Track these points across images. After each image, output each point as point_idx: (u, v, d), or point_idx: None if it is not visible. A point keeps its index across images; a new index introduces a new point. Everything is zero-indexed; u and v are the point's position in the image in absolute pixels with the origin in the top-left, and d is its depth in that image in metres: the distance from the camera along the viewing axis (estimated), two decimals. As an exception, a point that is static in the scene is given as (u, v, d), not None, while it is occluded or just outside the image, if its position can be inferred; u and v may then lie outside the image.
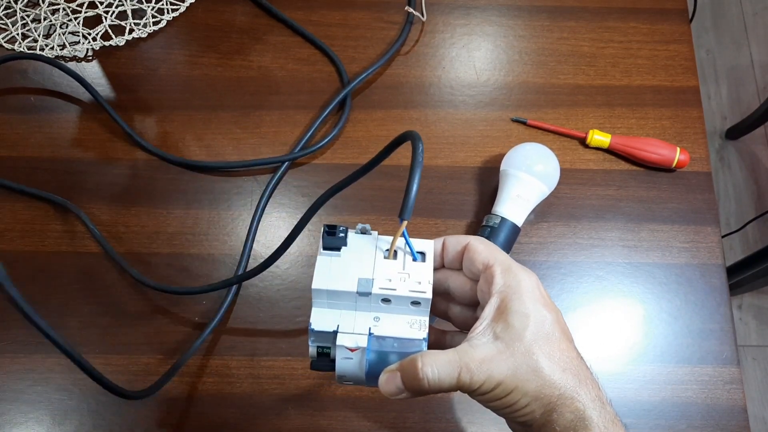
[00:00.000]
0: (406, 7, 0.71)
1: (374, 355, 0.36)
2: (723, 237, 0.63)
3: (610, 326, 0.58)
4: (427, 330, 0.37)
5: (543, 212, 0.62)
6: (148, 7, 0.71)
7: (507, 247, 0.57)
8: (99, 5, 0.71)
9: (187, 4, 0.72)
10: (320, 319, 0.37)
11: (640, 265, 0.60)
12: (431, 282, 0.37)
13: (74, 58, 0.70)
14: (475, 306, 0.40)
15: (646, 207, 0.63)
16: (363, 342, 0.36)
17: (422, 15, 0.71)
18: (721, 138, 1.58)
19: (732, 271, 1.24)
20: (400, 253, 0.38)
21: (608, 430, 0.34)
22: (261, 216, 0.62)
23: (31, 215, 0.62)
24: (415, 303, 0.37)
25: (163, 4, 0.72)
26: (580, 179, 0.64)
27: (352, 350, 0.36)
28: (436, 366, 0.34)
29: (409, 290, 0.36)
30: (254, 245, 0.60)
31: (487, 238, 0.56)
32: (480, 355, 0.34)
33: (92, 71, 0.69)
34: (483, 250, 0.37)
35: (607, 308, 0.59)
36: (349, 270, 0.37)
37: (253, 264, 0.60)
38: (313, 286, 0.36)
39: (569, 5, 0.72)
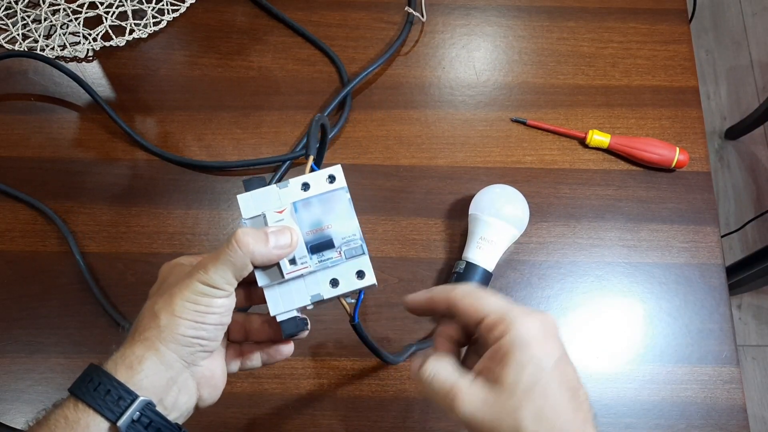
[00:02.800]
0: (406, 8, 0.71)
1: (306, 216, 0.39)
2: (722, 237, 0.64)
3: (610, 326, 0.58)
4: (344, 182, 0.40)
5: (543, 212, 0.62)
6: (149, 7, 0.71)
7: None
8: (99, 6, 0.71)
9: (187, 4, 0.72)
10: (248, 209, 0.40)
11: (640, 265, 0.60)
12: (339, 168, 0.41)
13: (75, 59, 0.70)
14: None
15: (645, 207, 0.63)
16: (289, 206, 0.39)
17: (422, 15, 0.71)
18: (720, 138, 1.58)
19: (731, 271, 1.24)
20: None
21: None
22: (261, 216, 0.62)
23: (32, 215, 0.62)
24: (331, 178, 0.40)
25: (163, 5, 0.72)
26: (579, 179, 0.64)
27: (279, 212, 0.39)
28: (437, 370, 0.36)
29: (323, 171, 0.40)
30: (254, 245, 0.61)
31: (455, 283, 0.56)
32: (471, 392, 0.34)
33: (93, 71, 0.69)
34: (469, 306, 0.36)
35: (607, 308, 0.59)
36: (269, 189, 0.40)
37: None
38: (239, 195, 0.40)
39: (569, 5, 0.72)
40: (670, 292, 0.59)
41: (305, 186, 0.40)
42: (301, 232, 0.39)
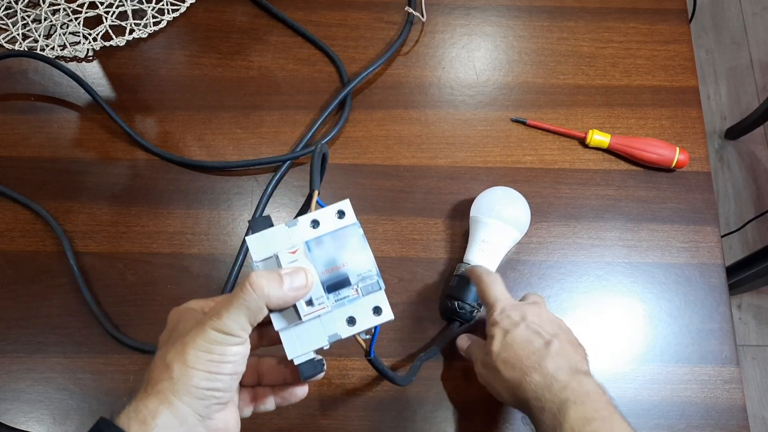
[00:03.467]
0: (406, 8, 0.71)
1: (320, 254, 0.38)
2: (722, 237, 0.63)
3: (610, 326, 0.58)
4: (355, 217, 0.39)
5: (543, 212, 0.62)
6: (149, 7, 0.71)
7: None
8: (99, 5, 0.71)
9: (187, 4, 0.72)
10: (259, 250, 0.39)
11: (640, 264, 0.60)
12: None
13: (75, 59, 0.70)
14: None
15: (645, 207, 0.63)
16: (302, 246, 0.38)
17: (422, 15, 0.71)
18: (720, 138, 1.58)
19: (731, 270, 1.24)
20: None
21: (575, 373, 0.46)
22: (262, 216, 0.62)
23: (31, 215, 0.62)
24: (340, 213, 0.39)
25: (163, 5, 0.72)
26: (579, 179, 0.64)
27: (293, 252, 0.38)
28: (468, 342, 0.54)
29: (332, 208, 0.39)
30: (254, 245, 0.61)
31: (456, 286, 0.57)
32: (484, 349, 0.50)
33: (92, 71, 0.69)
34: (481, 289, 0.53)
35: (607, 308, 0.59)
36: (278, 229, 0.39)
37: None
38: (247, 237, 0.39)
39: (569, 5, 0.72)
40: (670, 292, 0.59)
41: (315, 223, 0.39)
42: (316, 271, 0.38)
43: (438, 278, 0.60)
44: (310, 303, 0.37)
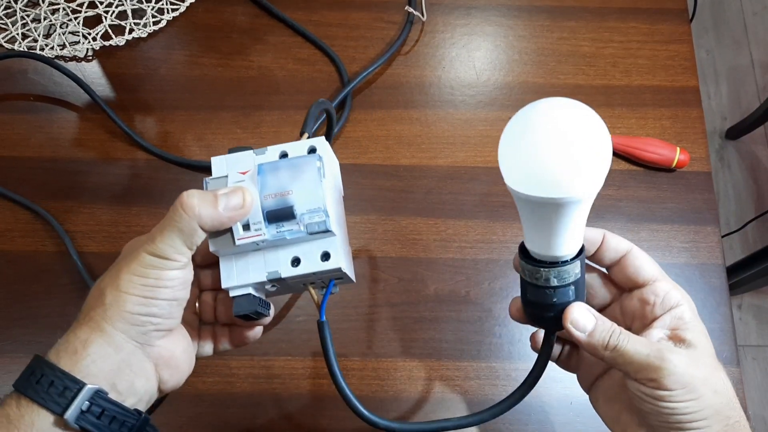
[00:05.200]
0: (406, 7, 0.71)
1: (271, 181, 0.36)
2: (723, 237, 0.63)
3: (610, 326, 0.58)
4: (327, 155, 0.37)
5: (543, 212, 0.62)
6: (148, 6, 0.71)
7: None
8: (99, 5, 0.71)
9: (187, 4, 0.72)
10: (218, 169, 0.38)
11: (640, 265, 0.60)
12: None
13: (74, 58, 0.70)
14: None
15: (645, 207, 0.63)
16: (253, 168, 0.36)
17: (422, 15, 0.71)
18: (721, 138, 1.58)
19: (732, 271, 1.24)
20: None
21: None
22: (261, 216, 0.62)
23: (31, 215, 0.62)
24: (311, 149, 0.37)
25: (163, 4, 0.72)
26: (580, 179, 0.64)
27: (243, 173, 0.36)
28: (633, 342, 0.34)
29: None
30: (254, 245, 0.60)
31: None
32: (677, 353, 0.33)
33: (92, 71, 0.69)
34: (649, 261, 0.38)
35: (607, 308, 0.59)
36: (246, 154, 0.38)
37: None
38: (213, 157, 0.38)
39: (569, 5, 0.72)
40: (671, 292, 0.59)
41: (283, 155, 0.37)
42: (259, 196, 0.35)
43: (439, 278, 0.60)
44: (246, 228, 0.35)
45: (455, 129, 0.66)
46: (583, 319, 0.35)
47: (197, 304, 0.41)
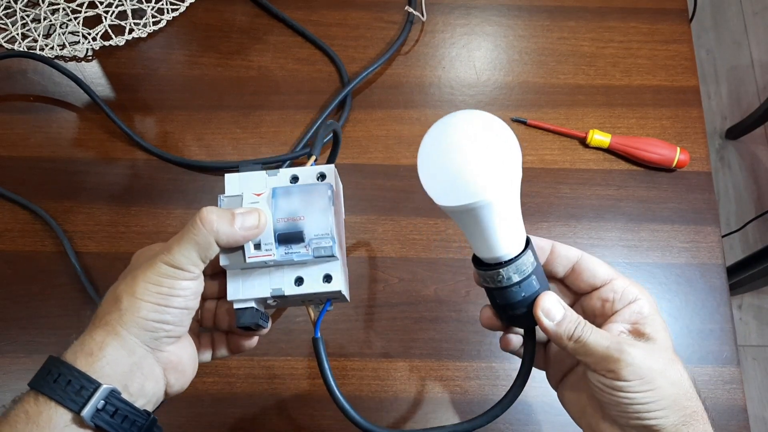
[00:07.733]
0: (406, 7, 0.71)
1: (283, 204, 0.38)
2: (723, 237, 0.63)
3: (610, 326, 0.58)
4: (334, 182, 0.39)
5: (543, 212, 0.62)
6: (148, 6, 0.71)
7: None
8: (99, 5, 0.71)
9: (187, 3, 0.72)
10: (232, 187, 0.39)
11: (640, 265, 0.60)
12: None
13: (74, 58, 0.70)
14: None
15: (646, 207, 0.63)
16: (267, 191, 0.38)
17: (422, 15, 0.71)
18: (721, 138, 1.58)
19: (732, 271, 1.24)
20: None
21: None
22: (261, 216, 0.62)
23: (30, 215, 0.62)
24: (321, 175, 0.40)
25: (162, 4, 0.71)
26: (580, 179, 0.64)
27: (258, 194, 0.38)
28: (595, 334, 0.35)
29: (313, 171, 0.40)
30: (254, 245, 0.60)
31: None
32: (636, 346, 0.35)
33: (92, 71, 0.69)
34: (602, 263, 0.40)
35: (607, 308, 0.59)
36: (259, 174, 0.40)
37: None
38: (227, 174, 0.40)
39: (569, 5, 0.72)
40: (671, 292, 0.59)
41: (294, 178, 0.39)
42: (272, 218, 0.38)
43: (438, 278, 0.60)
44: (258, 247, 0.37)
45: (455, 129, 0.66)
46: (554, 310, 0.37)
47: (199, 311, 0.43)
